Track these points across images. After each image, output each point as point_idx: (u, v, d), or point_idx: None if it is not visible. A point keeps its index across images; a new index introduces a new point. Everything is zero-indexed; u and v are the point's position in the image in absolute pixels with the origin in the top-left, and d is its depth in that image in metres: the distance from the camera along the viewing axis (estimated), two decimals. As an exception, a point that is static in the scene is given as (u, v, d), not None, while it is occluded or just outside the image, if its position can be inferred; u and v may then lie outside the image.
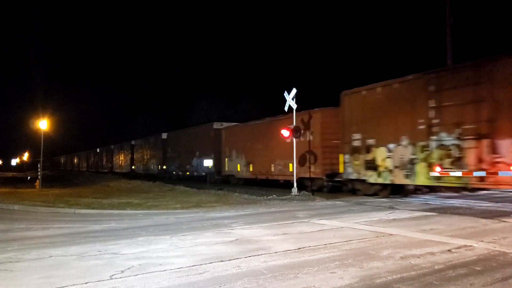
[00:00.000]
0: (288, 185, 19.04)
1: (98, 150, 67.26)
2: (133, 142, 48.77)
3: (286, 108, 18.09)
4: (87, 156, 76.40)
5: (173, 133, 38.37)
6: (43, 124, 23.90)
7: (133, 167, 48.06)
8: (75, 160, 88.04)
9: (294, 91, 17.43)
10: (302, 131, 18.16)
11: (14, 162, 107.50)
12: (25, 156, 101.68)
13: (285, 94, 17.73)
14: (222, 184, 25.18)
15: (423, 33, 57.87)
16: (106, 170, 59.83)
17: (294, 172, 17.98)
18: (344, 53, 71.81)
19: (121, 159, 54.13)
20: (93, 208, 13.30)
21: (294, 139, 17.65)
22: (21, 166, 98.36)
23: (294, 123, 17.80)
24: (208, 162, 24.28)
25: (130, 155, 49.05)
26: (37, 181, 24.20)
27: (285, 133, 17.76)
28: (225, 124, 28.83)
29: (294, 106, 17.58)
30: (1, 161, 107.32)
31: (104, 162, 63.47)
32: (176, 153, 35.67)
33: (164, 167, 38.26)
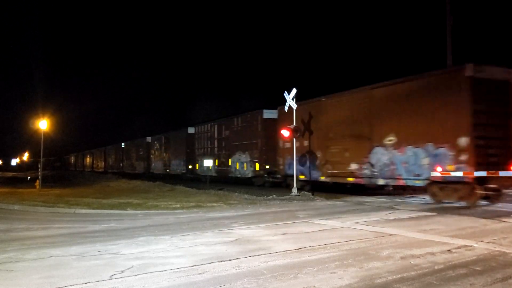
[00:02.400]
0: None
1: (123, 145, 51.36)
2: (190, 130, 32.83)
3: (286, 108, 18.10)
4: (105, 154, 60.63)
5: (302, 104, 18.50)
6: (43, 124, 23.89)
7: (190, 166, 32.27)
8: (87, 160, 72.43)
9: (294, 91, 17.45)
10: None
11: (14, 162, 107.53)
12: (25, 156, 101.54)
13: (285, 94, 17.75)
14: (224, 185, 24.92)
15: (423, 33, 57.85)
16: (137, 171, 44.41)
17: (294, 172, 17.98)
18: (344, 53, 71.84)
19: (165, 155, 37.99)
20: (93, 208, 13.30)
21: (294, 139, 17.66)
22: (21, 166, 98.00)
23: (295, 123, 17.80)
24: (208, 162, 23.58)
25: (184, 149, 33.11)
26: (37, 181, 24.19)
27: (285, 133, 17.67)
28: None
29: (294, 106, 17.59)
30: (1, 161, 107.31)
31: (134, 161, 47.04)
32: (315, 141, 18.35)
33: (267, 166, 22.37)
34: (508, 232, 8.18)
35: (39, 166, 25.93)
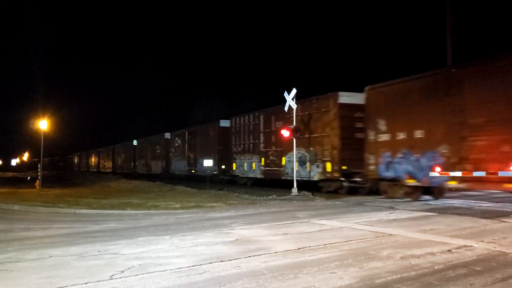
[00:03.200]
0: None
1: (135, 143, 45.46)
2: (224, 123, 27.33)
3: (286, 108, 18.11)
4: (113, 153, 54.57)
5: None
6: (43, 124, 23.89)
7: (223, 166, 27.03)
8: (93, 159, 67.18)
9: (294, 91, 17.46)
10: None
11: (14, 162, 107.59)
12: (25, 156, 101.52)
13: (285, 94, 17.77)
14: (223, 184, 24.80)
15: (423, 33, 57.88)
16: (153, 172, 39.22)
17: (294, 172, 17.98)
18: (344, 53, 71.86)
19: (189, 154, 32.10)
20: (93, 208, 13.30)
21: (294, 139, 17.67)
22: (21, 166, 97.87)
23: (294, 123, 17.81)
24: (208, 162, 23.51)
25: (216, 146, 27.73)
26: (37, 181, 24.19)
27: (285, 133, 17.63)
28: None
29: (294, 106, 17.60)
30: (1, 161, 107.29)
31: (149, 160, 41.07)
32: (437, 131, 13.16)
33: (345, 167, 17.14)
34: (508, 232, 8.18)
35: (39, 166, 25.92)
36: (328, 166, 17.46)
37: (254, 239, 7.71)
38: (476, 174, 11.77)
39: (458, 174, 12.16)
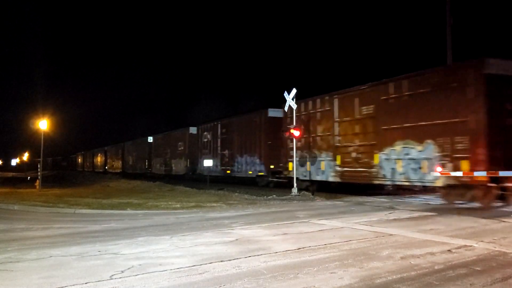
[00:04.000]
0: None
1: (150, 140, 40.26)
2: (273, 113, 22.42)
3: (286, 108, 18.11)
4: (122, 151, 49.15)
5: None
6: (43, 124, 23.88)
7: (272, 166, 22.24)
8: (98, 159, 61.16)
9: (294, 91, 17.47)
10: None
11: (14, 162, 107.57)
12: (25, 156, 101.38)
13: (285, 94, 17.78)
14: (222, 184, 24.75)
15: (423, 33, 57.88)
16: (174, 173, 34.55)
17: (294, 172, 17.98)
18: (344, 53, 71.84)
19: (224, 151, 27.28)
20: (93, 208, 13.30)
21: (295, 139, 17.67)
22: (21, 166, 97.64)
23: (295, 123, 17.80)
24: (208, 162, 23.56)
25: (261, 141, 23.08)
26: (37, 181, 24.18)
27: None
28: None
29: (294, 106, 17.60)
30: (1, 161, 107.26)
31: (168, 159, 35.87)
32: None
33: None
34: (508, 232, 8.18)
35: (39, 166, 25.91)
36: (465, 166, 12.22)
37: (254, 239, 7.71)
38: (476, 174, 11.76)
39: (459, 174, 12.15)
